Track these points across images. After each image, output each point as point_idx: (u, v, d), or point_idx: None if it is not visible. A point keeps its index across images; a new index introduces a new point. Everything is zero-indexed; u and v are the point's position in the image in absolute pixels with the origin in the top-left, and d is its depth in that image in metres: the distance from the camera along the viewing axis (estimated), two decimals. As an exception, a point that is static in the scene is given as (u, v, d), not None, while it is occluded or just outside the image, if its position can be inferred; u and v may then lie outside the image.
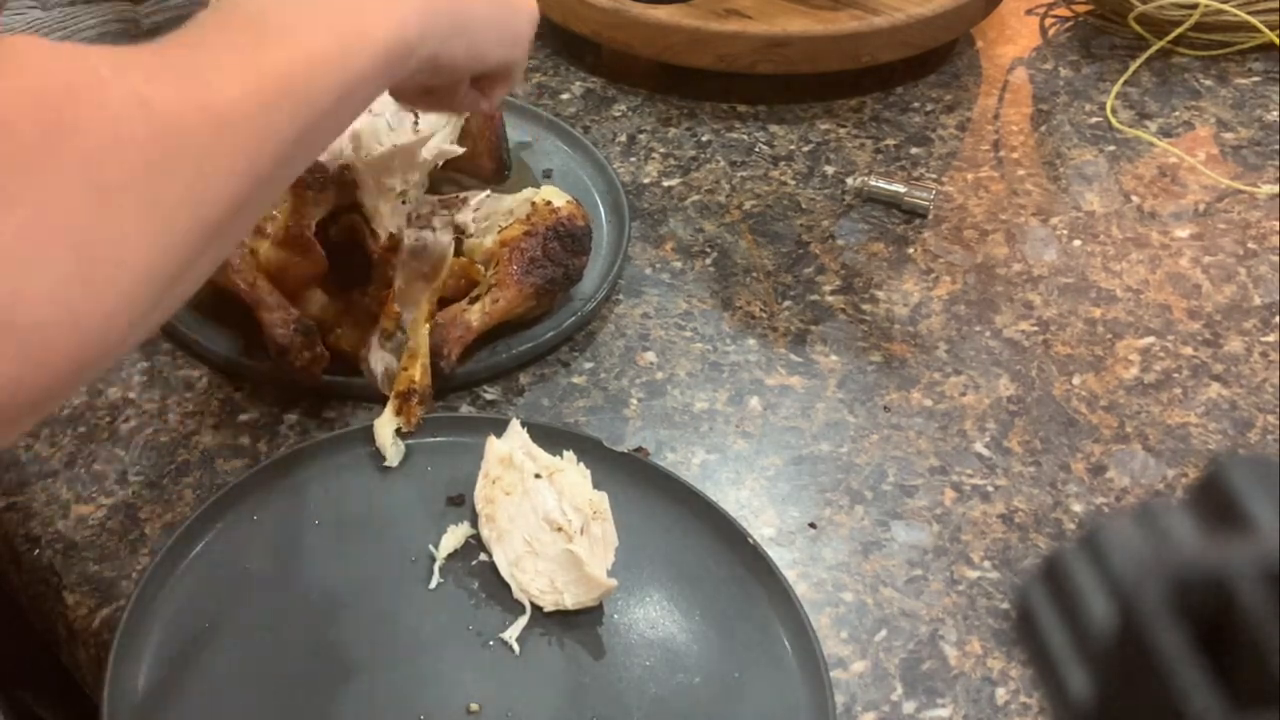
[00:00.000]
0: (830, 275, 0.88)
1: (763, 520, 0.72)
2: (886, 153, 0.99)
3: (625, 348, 0.82)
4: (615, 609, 0.66)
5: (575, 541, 0.66)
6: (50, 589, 0.68)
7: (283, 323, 0.74)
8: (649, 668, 0.64)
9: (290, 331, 0.74)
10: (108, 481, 0.72)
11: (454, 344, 0.75)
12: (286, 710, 0.61)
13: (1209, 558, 0.19)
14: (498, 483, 0.69)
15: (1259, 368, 0.83)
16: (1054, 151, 1.01)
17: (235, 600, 0.65)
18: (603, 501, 0.68)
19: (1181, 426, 0.79)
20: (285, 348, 0.73)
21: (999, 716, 0.64)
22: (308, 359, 0.73)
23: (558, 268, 0.79)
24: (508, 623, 0.65)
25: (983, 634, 0.67)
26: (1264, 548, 0.19)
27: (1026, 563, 0.71)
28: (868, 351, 0.82)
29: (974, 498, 0.74)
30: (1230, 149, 1.01)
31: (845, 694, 0.64)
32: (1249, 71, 1.09)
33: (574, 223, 0.80)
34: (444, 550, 0.68)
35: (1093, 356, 0.83)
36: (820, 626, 0.66)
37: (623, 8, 1.01)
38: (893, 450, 0.76)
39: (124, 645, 0.61)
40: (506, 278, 0.77)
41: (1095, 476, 0.75)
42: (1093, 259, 0.90)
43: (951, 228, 0.92)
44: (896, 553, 0.71)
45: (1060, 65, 1.10)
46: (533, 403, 0.78)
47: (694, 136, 1.00)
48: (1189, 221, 0.94)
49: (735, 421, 0.77)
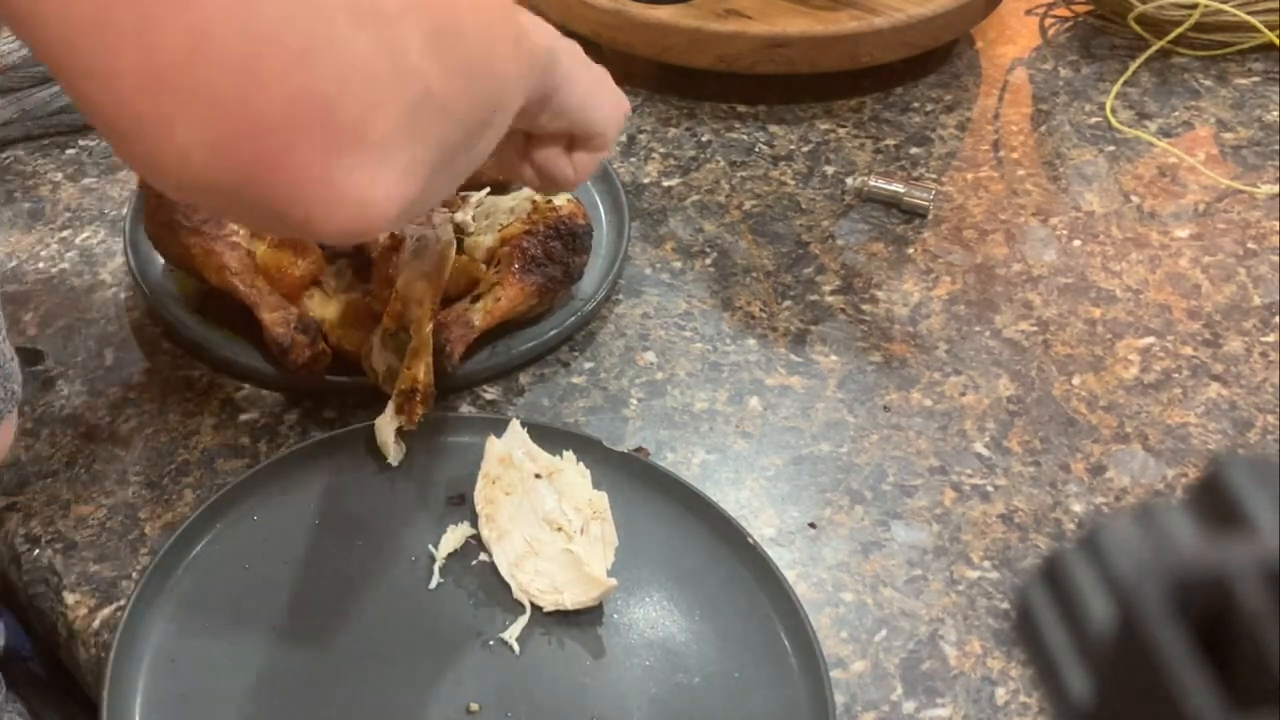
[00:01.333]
0: (830, 275, 0.88)
1: (763, 520, 0.72)
2: (886, 153, 0.99)
3: (625, 348, 0.82)
4: (615, 609, 0.66)
5: (575, 541, 0.66)
6: (50, 589, 0.68)
7: (283, 322, 0.74)
8: (649, 668, 0.64)
9: (290, 330, 0.74)
10: (108, 481, 0.72)
11: (457, 343, 0.75)
12: (287, 710, 0.61)
13: (1209, 558, 0.19)
14: (498, 483, 0.69)
15: (1259, 368, 0.83)
16: (1054, 151, 1.01)
17: (235, 600, 0.65)
18: (603, 501, 0.68)
19: (1181, 426, 0.79)
20: (286, 347, 0.73)
21: (999, 716, 0.64)
22: (309, 356, 0.73)
23: (558, 266, 0.79)
24: (508, 623, 0.65)
25: (983, 634, 0.67)
26: (1264, 548, 0.19)
27: (1026, 563, 0.71)
28: (868, 351, 0.82)
29: (974, 498, 0.74)
30: (1230, 149, 1.01)
31: (845, 694, 0.64)
32: (1249, 71, 1.09)
33: (575, 221, 0.80)
34: (444, 550, 0.68)
35: (1093, 356, 0.83)
36: (820, 626, 0.66)
37: (623, 8, 1.01)
38: (893, 450, 0.76)
39: (124, 645, 0.61)
40: (508, 276, 0.77)
41: (1095, 476, 0.75)
42: (1092, 259, 0.90)
43: (951, 228, 0.92)
44: (896, 553, 0.71)
45: (1060, 65, 1.10)
46: (533, 403, 0.78)
47: (694, 136, 1.00)
48: (1189, 221, 0.94)
49: (735, 421, 0.77)
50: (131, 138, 0.38)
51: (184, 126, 0.37)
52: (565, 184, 0.66)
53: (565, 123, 0.62)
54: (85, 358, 0.80)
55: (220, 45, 0.36)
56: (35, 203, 0.92)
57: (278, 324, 0.74)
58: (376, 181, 0.40)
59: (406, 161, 0.41)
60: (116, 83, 0.37)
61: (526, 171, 0.66)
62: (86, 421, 0.76)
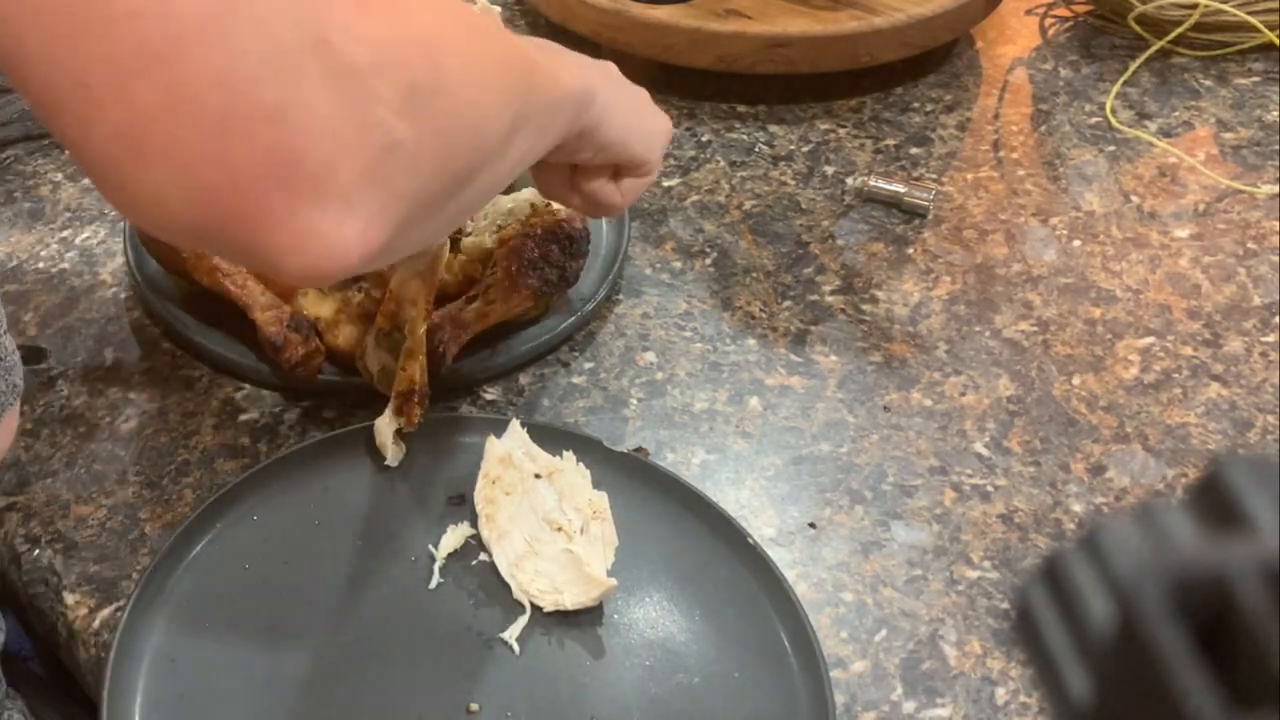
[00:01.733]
0: (830, 275, 0.88)
1: (763, 520, 0.72)
2: (886, 153, 0.99)
3: (625, 348, 0.82)
4: (615, 609, 0.66)
5: (575, 541, 0.66)
6: (50, 589, 0.68)
7: (275, 320, 0.74)
8: (649, 668, 0.64)
9: (284, 328, 0.74)
10: (108, 481, 0.72)
11: (450, 343, 0.75)
12: (286, 710, 0.61)
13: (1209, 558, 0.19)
14: (498, 483, 0.69)
15: (1259, 368, 0.83)
16: (1054, 151, 1.01)
17: (235, 600, 0.65)
18: (603, 501, 0.68)
19: (1181, 426, 0.79)
20: (279, 345, 0.73)
21: (999, 716, 0.64)
22: (302, 354, 0.73)
23: (555, 270, 0.78)
24: (508, 623, 0.65)
25: (983, 634, 0.67)
26: (1264, 548, 0.19)
27: (1026, 563, 0.71)
28: (868, 351, 0.82)
29: (974, 498, 0.74)
30: (1230, 149, 1.01)
31: (845, 694, 0.64)
32: (1249, 71, 1.09)
33: (573, 225, 0.80)
34: (444, 550, 0.68)
35: (1093, 356, 0.83)
36: (820, 626, 0.66)
37: (623, 8, 1.01)
38: (893, 450, 0.76)
39: (124, 645, 0.61)
40: (504, 279, 0.77)
41: (1095, 476, 0.75)
42: (1092, 259, 0.90)
43: (951, 228, 0.92)
44: (896, 553, 0.71)
45: (1060, 65, 1.10)
46: (533, 403, 0.78)
47: (694, 136, 1.00)
48: (1189, 221, 0.94)
49: (735, 421, 0.77)
50: (111, 184, 0.40)
51: (159, 176, 0.39)
52: (613, 210, 0.68)
53: (608, 156, 0.64)
54: (85, 358, 0.80)
55: (196, 103, 0.38)
56: (35, 203, 0.92)
57: (270, 323, 0.74)
58: (341, 229, 0.41)
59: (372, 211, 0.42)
60: (96, 133, 0.39)
61: (575, 200, 0.67)
62: (86, 421, 0.76)
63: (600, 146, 0.62)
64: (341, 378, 0.76)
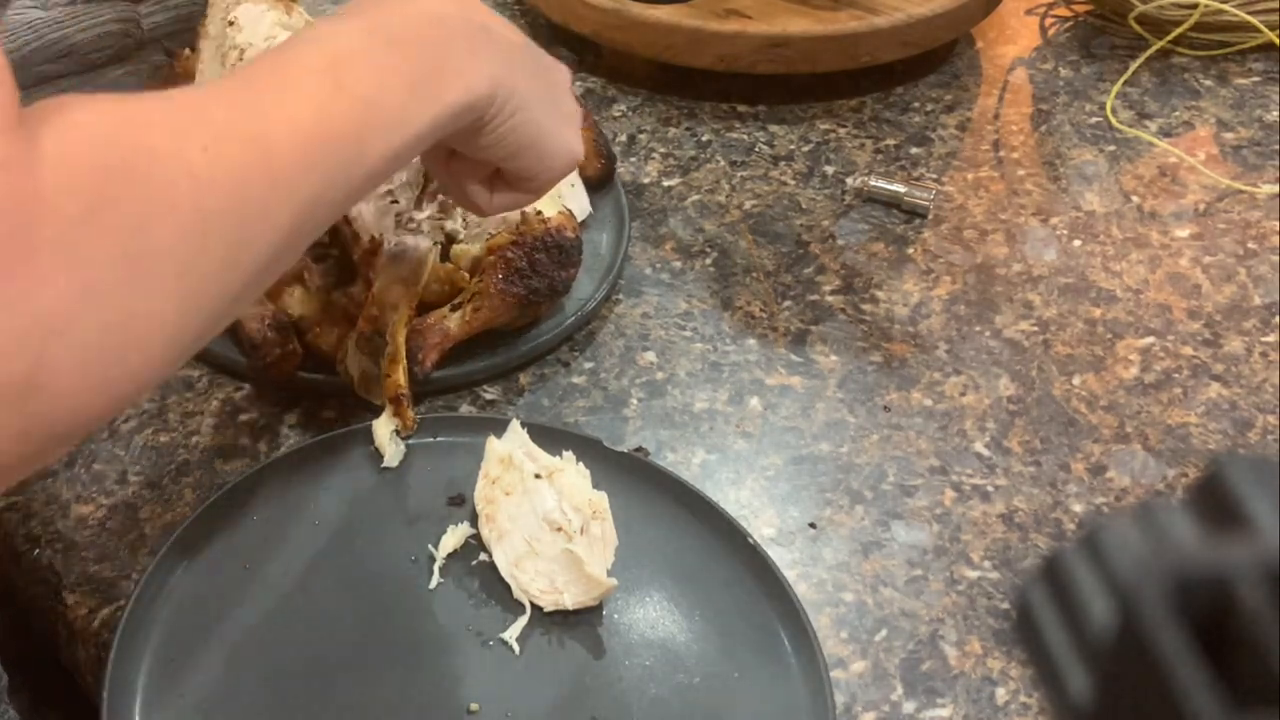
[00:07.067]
0: (830, 275, 0.88)
1: (763, 520, 0.72)
2: (886, 153, 0.99)
3: (625, 348, 0.82)
4: (615, 609, 0.66)
5: (575, 541, 0.66)
6: (50, 589, 0.68)
7: (257, 318, 0.74)
8: (649, 668, 0.64)
9: (264, 327, 0.73)
10: (108, 481, 0.72)
11: (430, 350, 0.74)
12: (286, 710, 0.61)
13: (1209, 558, 0.19)
14: (498, 483, 0.69)
15: (1259, 368, 0.83)
16: (1054, 151, 1.01)
17: (235, 600, 0.65)
18: (602, 501, 0.68)
19: (1181, 426, 0.79)
20: (256, 344, 0.73)
21: (999, 716, 0.64)
22: (278, 355, 0.73)
23: (543, 279, 0.77)
24: (508, 623, 0.65)
25: (983, 634, 0.67)
26: (1264, 548, 0.19)
27: (1026, 563, 0.71)
28: (868, 351, 0.82)
29: (974, 498, 0.74)
30: (1230, 149, 1.01)
31: (845, 694, 0.64)
32: (1249, 71, 1.09)
33: (563, 234, 0.78)
34: (444, 550, 0.68)
35: (1093, 356, 0.83)
36: (820, 626, 0.66)
37: (623, 8, 1.01)
38: (893, 450, 0.76)
39: (124, 645, 0.61)
40: (489, 287, 0.76)
41: (1095, 476, 0.75)
42: (1093, 259, 0.90)
43: (951, 228, 0.92)
44: (896, 553, 0.71)
45: (1060, 65, 1.10)
46: (533, 403, 0.78)
47: (694, 136, 1.00)
48: (1189, 221, 0.94)
49: (735, 421, 0.77)
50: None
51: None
52: (473, 209, 0.65)
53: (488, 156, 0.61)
54: (85, 358, 0.80)
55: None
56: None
57: (251, 320, 0.74)
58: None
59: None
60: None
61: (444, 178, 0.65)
62: (86, 421, 0.76)
63: (483, 146, 0.59)
64: (323, 376, 0.75)
